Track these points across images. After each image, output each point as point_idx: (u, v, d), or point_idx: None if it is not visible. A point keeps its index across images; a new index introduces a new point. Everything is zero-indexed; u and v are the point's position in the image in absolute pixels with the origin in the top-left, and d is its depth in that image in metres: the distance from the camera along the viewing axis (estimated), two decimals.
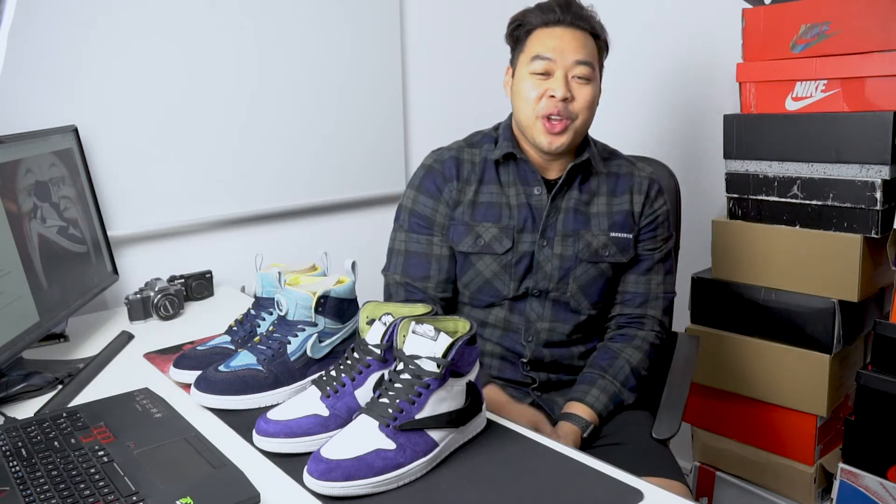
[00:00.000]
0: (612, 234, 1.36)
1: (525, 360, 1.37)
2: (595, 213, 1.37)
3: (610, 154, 1.44)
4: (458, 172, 1.37)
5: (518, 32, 1.35)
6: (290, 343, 1.14)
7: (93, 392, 1.21)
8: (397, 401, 0.92)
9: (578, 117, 1.30)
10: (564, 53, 1.29)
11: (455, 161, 1.38)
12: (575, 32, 1.30)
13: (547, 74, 1.29)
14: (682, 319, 1.76)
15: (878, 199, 1.48)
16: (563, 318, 1.36)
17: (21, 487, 0.88)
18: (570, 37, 1.30)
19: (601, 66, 1.36)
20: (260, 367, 1.12)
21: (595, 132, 1.44)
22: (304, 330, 1.14)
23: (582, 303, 1.36)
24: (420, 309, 1.06)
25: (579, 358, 1.39)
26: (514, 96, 1.35)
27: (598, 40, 1.34)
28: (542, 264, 1.35)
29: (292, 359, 1.13)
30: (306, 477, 0.88)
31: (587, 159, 1.35)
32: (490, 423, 1.05)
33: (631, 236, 1.37)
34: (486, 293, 1.36)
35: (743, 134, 1.66)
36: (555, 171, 1.37)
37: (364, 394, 0.99)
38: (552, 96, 1.28)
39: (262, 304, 1.26)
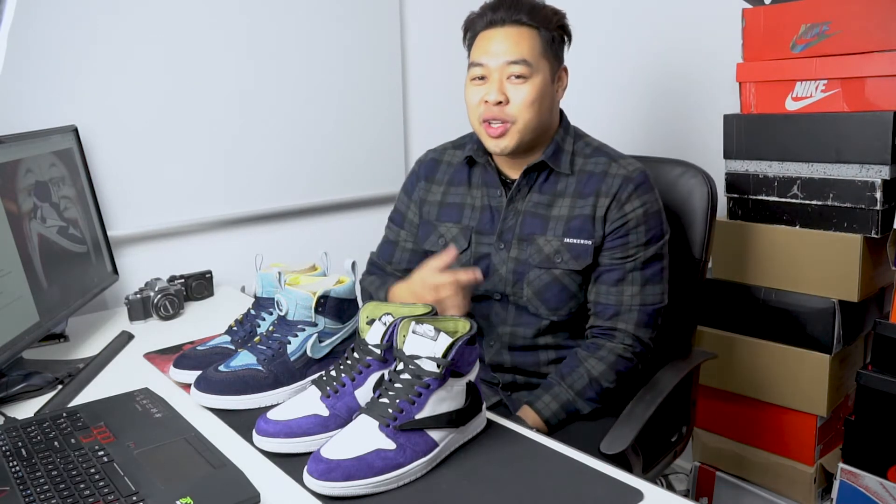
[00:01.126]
0: (567, 240, 1.29)
1: (485, 361, 1.36)
2: (555, 217, 1.31)
3: (594, 150, 1.34)
4: (430, 174, 1.43)
5: (468, 39, 1.34)
6: (290, 343, 1.14)
7: (93, 392, 1.22)
8: (397, 401, 0.92)
9: (518, 119, 1.26)
10: (497, 56, 1.25)
11: (433, 163, 1.44)
12: (509, 30, 1.26)
13: (484, 79, 1.27)
14: None
15: (878, 199, 1.48)
16: (524, 321, 1.33)
17: (21, 487, 0.88)
18: (503, 36, 1.26)
19: (555, 58, 1.30)
20: (260, 367, 1.12)
21: (594, 133, 1.43)
22: (304, 330, 1.14)
23: (540, 308, 1.31)
24: (420, 309, 1.06)
25: (548, 364, 1.35)
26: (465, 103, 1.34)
27: (544, 31, 1.27)
28: (498, 267, 1.33)
29: (292, 359, 1.13)
30: (306, 477, 0.88)
31: (542, 162, 1.30)
32: (490, 423, 1.05)
33: (589, 243, 1.28)
34: None
35: (743, 134, 1.66)
36: (518, 171, 1.34)
37: (364, 394, 0.99)
38: (487, 101, 1.26)
39: (262, 304, 1.26)
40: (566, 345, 1.34)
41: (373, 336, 1.02)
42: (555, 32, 1.29)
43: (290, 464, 0.95)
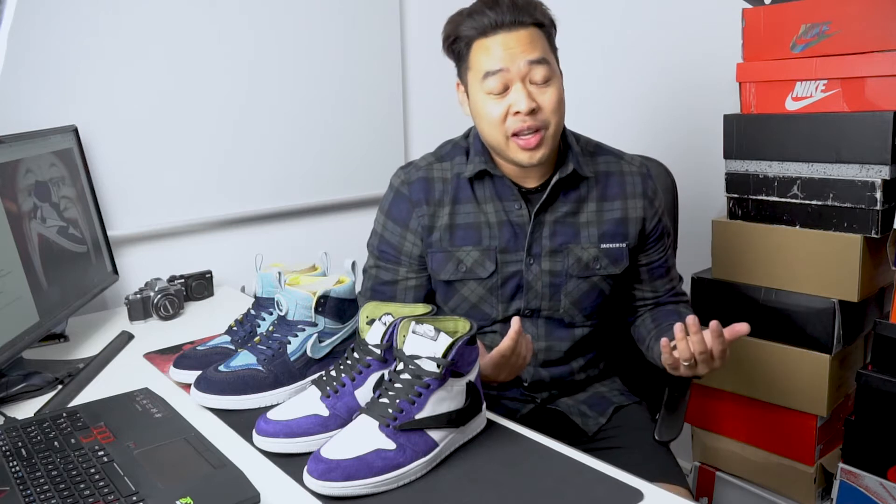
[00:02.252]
0: (603, 246, 1.28)
1: (525, 384, 1.32)
2: (584, 223, 1.28)
3: (595, 148, 1.33)
4: (427, 195, 1.28)
5: (457, 47, 1.22)
6: (290, 343, 1.14)
7: (93, 392, 1.22)
8: (397, 401, 0.92)
9: (550, 125, 1.18)
10: (515, 60, 1.15)
11: (424, 182, 1.28)
12: (519, 32, 1.15)
13: (504, 89, 1.16)
14: None
15: (878, 199, 1.48)
16: (558, 335, 1.31)
17: (21, 487, 0.88)
18: (514, 40, 1.15)
19: (555, 50, 1.22)
20: (260, 367, 1.12)
21: (594, 133, 1.42)
22: (304, 330, 1.14)
23: (576, 316, 1.30)
24: (420, 309, 1.06)
25: (580, 371, 1.35)
26: (476, 118, 1.23)
27: (545, 28, 1.19)
28: (532, 283, 1.27)
29: (292, 359, 1.13)
30: (306, 477, 0.88)
31: (573, 171, 1.25)
32: (490, 423, 1.05)
33: (624, 245, 1.29)
34: (474, 317, 1.25)
35: (743, 134, 1.66)
36: (534, 180, 1.27)
37: (364, 394, 0.99)
38: (517, 112, 1.16)
39: (262, 304, 1.26)
40: (593, 349, 1.37)
41: (373, 336, 1.02)
42: (552, 30, 1.22)
43: (290, 464, 0.95)
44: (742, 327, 1.12)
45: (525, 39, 1.16)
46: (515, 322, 1.10)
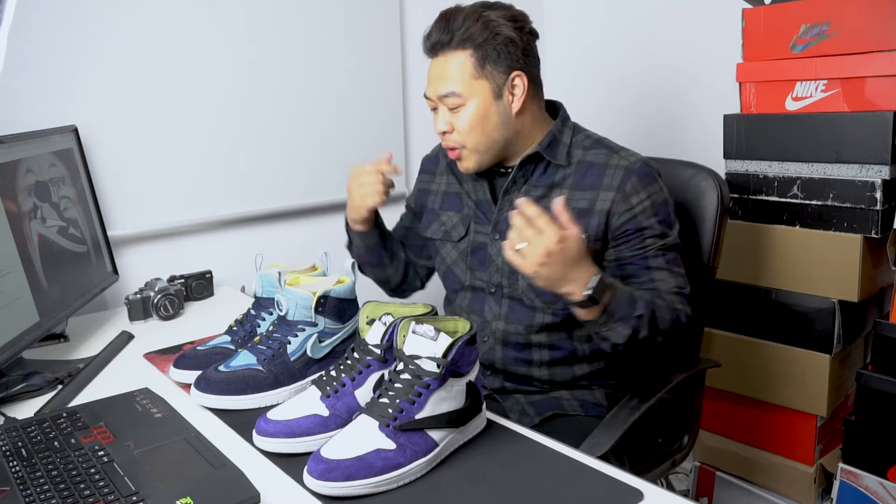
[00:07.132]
0: None
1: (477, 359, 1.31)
2: (549, 208, 1.25)
3: (594, 142, 1.32)
4: (431, 166, 1.50)
5: None
6: (290, 343, 1.14)
7: (93, 392, 1.22)
8: (397, 401, 0.92)
9: (466, 143, 1.28)
10: (433, 90, 1.29)
11: (435, 155, 1.51)
12: (440, 60, 1.28)
13: (435, 108, 1.32)
14: None
15: (878, 199, 1.48)
16: (517, 316, 1.31)
17: (21, 487, 0.88)
18: (436, 69, 1.29)
19: (495, 71, 1.24)
20: (260, 367, 1.12)
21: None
22: (304, 330, 1.14)
23: (535, 300, 1.29)
24: (420, 309, 1.06)
25: (541, 367, 1.32)
26: None
27: (476, 49, 1.24)
28: (494, 258, 1.34)
29: (292, 359, 1.13)
30: (306, 477, 0.88)
31: (536, 152, 1.29)
32: (490, 423, 1.05)
33: (582, 236, 1.17)
34: (450, 280, 1.43)
35: (743, 134, 1.66)
36: (513, 164, 1.34)
37: (364, 394, 1.00)
38: (437, 131, 1.31)
39: (262, 304, 1.26)
40: (562, 346, 1.31)
41: (373, 336, 1.02)
42: (489, 46, 1.23)
43: (290, 464, 0.95)
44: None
45: (442, 68, 1.27)
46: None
